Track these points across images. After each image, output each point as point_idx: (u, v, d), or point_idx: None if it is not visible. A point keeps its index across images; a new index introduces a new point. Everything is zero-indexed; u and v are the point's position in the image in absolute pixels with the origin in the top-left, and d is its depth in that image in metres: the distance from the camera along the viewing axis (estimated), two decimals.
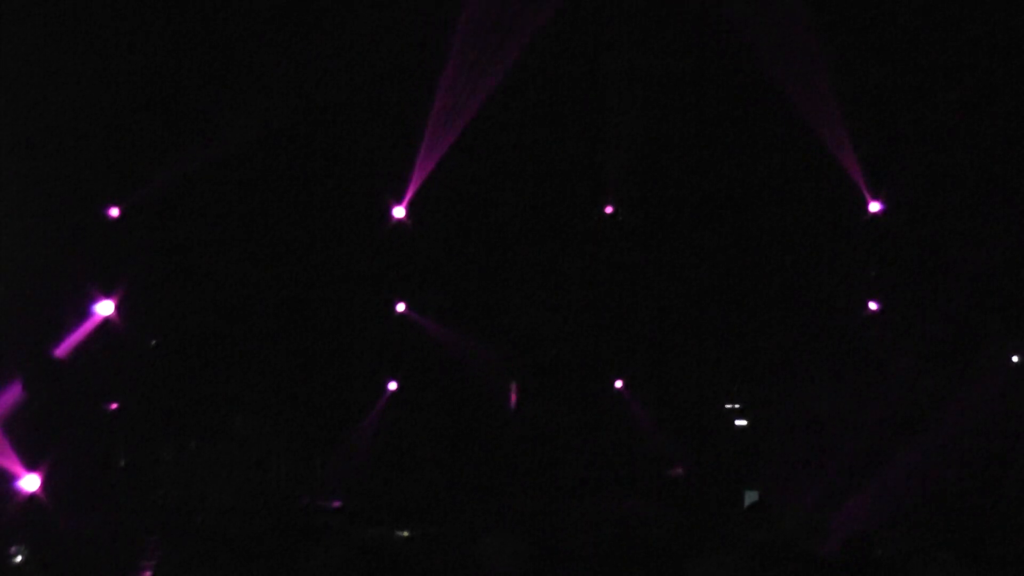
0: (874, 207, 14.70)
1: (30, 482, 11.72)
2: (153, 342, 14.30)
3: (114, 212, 13.93)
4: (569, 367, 16.13)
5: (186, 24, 13.62)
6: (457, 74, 14.21)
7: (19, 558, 10.28)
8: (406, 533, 11.51)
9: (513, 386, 15.43)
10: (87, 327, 13.41)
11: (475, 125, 14.44)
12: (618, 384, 16.20)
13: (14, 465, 11.61)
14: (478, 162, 15.03)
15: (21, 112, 12.32)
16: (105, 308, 13.54)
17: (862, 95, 14.14)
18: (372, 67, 14.00)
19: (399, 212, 15.11)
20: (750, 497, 13.45)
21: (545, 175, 15.67)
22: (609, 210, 16.08)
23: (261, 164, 14.35)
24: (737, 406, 15.96)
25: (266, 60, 13.83)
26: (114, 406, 13.64)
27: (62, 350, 13.11)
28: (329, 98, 14.17)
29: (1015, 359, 14.96)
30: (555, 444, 15.43)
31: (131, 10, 13.28)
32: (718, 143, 15.27)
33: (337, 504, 14.35)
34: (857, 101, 14.11)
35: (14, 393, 12.23)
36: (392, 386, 15.86)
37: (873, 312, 15.20)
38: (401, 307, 15.88)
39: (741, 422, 15.86)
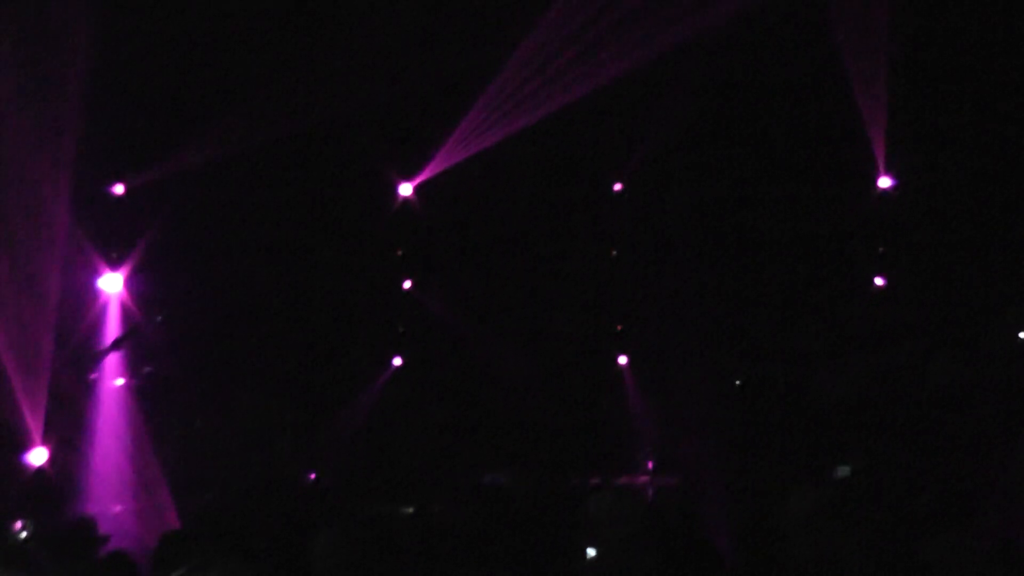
0: (884, 182, 14.56)
1: (37, 456, 11.70)
2: (159, 318, 14.32)
3: (119, 189, 13.95)
4: (574, 351, 16.20)
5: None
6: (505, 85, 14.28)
7: (24, 534, 10.06)
8: (410, 510, 11.43)
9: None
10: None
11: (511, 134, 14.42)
12: (622, 360, 16.25)
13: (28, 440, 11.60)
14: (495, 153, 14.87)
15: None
16: (112, 283, 13.54)
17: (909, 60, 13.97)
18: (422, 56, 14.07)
19: (406, 189, 15.11)
20: (842, 471, 13.47)
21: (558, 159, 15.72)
22: (618, 187, 16.07)
23: (268, 142, 14.24)
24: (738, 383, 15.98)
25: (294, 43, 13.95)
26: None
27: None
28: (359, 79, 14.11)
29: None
30: (557, 425, 15.47)
31: None
32: (728, 113, 15.24)
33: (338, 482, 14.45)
34: (903, 66, 13.92)
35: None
36: (397, 362, 15.91)
37: (879, 288, 15.12)
38: (407, 284, 15.99)
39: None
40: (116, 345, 13.24)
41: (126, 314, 13.61)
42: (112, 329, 13.50)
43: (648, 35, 13.64)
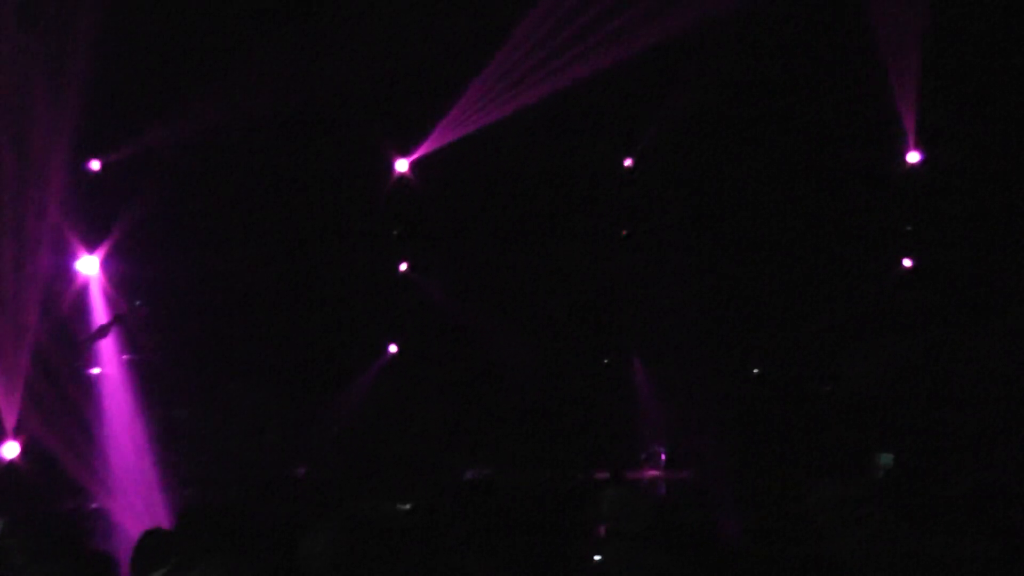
0: (913, 157, 14.18)
1: (9, 450, 11.60)
2: (137, 302, 13.78)
3: (95, 166, 13.48)
4: (580, 339, 15.90)
5: None
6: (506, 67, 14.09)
7: None
8: (408, 506, 10.79)
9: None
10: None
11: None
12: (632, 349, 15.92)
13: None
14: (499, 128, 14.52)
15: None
16: (89, 265, 13.09)
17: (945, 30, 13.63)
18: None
19: (402, 165, 14.67)
20: (885, 460, 13.35)
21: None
22: (628, 163, 15.61)
23: (255, 115, 13.73)
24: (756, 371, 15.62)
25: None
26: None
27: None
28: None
29: None
30: (561, 417, 15.20)
31: None
32: (749, 86, 14.79)
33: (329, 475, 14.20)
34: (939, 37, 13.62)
35: None
36: (392, 349, 15.55)
37: (907, 270, 14.79)
38: (404, 267, 15.56)
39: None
40: (101, 332, 13.06)
41: (109, 299, 13.30)
42: (96, 315, 13.20)
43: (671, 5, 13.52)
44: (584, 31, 13.79)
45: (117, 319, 13.11)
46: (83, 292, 13.12)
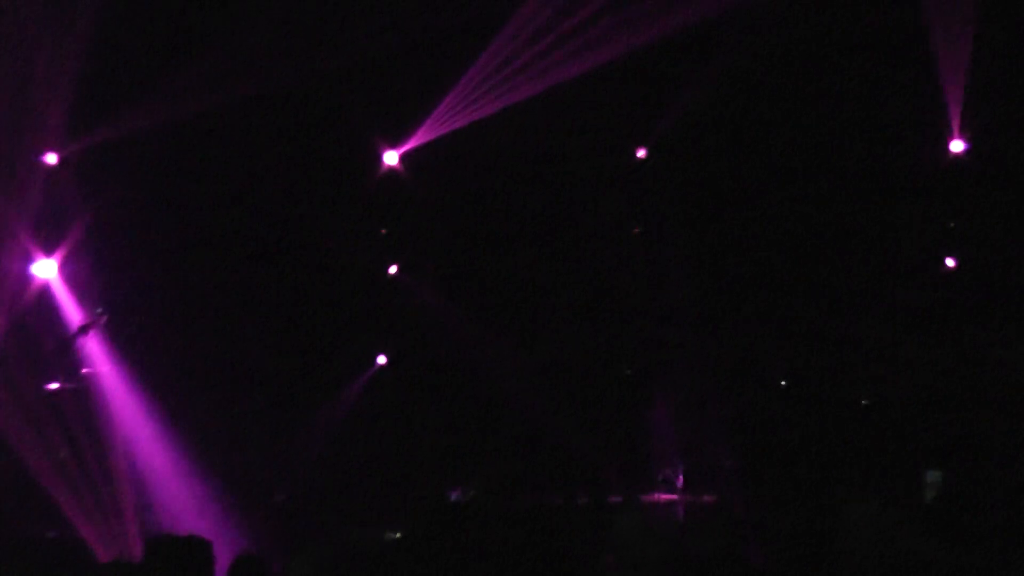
0: (957, 146, 13.60)
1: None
2: (99, 310, 13.17)
3: (51, 159, 12.86)
4: (584, 349, 15.34)
5: None
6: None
7: None
8: (398, 535, 11.02)
9: None
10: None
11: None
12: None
13: None
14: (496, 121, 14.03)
15: None
16: (46, 269, 12.74)
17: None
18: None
19: (392, 158, 14.04)
20: (933, 477, 13.06)
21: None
22: (642, 153, 14.98)
23: (231, 102, 13.23)
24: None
25: None
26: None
27: None
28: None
29: None
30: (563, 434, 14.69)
31: None
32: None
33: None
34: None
35: None
36: (381, 360, 15.07)
37: (950, 270, 14.28)
38: (393, 270, 15.03)
39: None
40: (71, 341, 12.91)
41: (71, 307, 13.07)
42: (61, 324, 13.03)
43: None
44: (589, 21, 13.54)
45: (87, 327, 12.88)
46: (42, 298, 12.88)
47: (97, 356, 13.18)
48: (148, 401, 13.53)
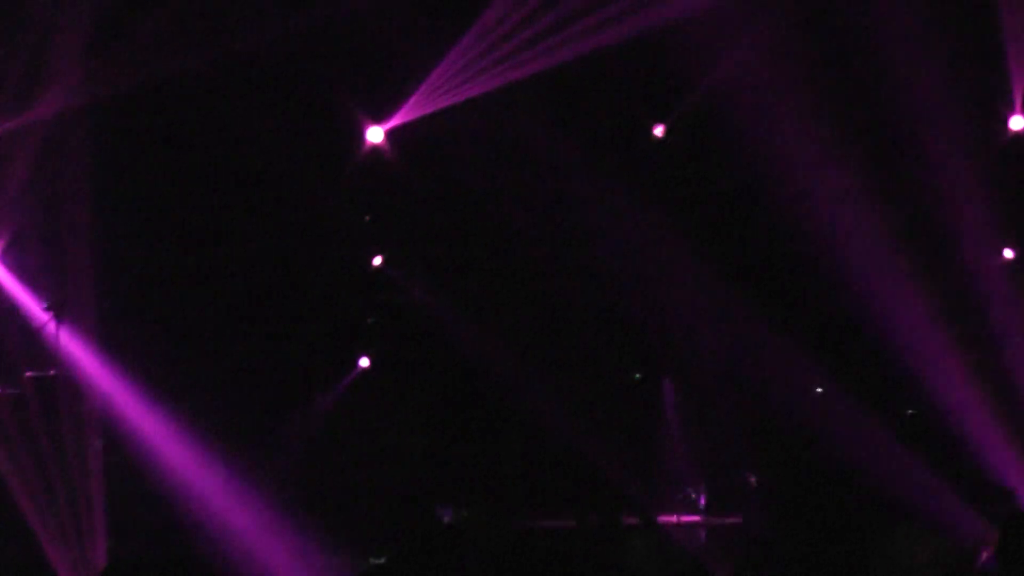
0: (1018, 123, 13.08)
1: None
2: (45, 305, 12.77)
3: None
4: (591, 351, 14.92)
5: None
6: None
7: None
8: (382, 561, 11.03)
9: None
10: None
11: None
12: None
13: None
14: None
15: None
16: None
17: None
18: None
19: (376, 135, 13.43)
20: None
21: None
22: (660, 131, 14.46)
23: (191, 71, 12.83)
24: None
25: None
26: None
27: None
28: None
29: None
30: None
31: None
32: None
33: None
34: None
35: None
36: (363, 363, 14.84)
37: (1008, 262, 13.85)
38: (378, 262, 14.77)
39: None
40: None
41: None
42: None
43: None
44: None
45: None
46: None
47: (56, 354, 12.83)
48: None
